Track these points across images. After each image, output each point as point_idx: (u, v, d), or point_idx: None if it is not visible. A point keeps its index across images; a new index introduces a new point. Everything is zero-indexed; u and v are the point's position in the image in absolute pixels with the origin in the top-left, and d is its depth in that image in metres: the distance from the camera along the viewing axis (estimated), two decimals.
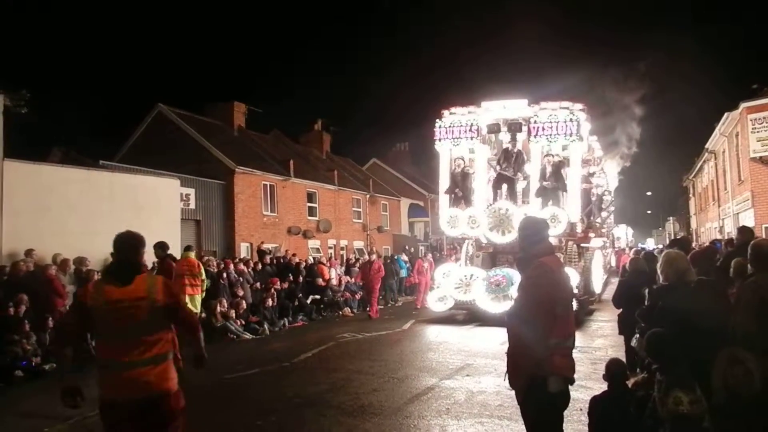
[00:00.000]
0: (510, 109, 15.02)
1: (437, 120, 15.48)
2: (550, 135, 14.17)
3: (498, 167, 15.09)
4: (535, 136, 14.34)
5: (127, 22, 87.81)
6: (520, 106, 14.95)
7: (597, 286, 17.00)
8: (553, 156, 14.30)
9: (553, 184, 14.10)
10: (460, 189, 15.14)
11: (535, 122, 14.33)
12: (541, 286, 3.54)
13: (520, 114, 14.79)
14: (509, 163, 14.82)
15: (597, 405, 4.77)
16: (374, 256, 16.54)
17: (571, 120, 14.08)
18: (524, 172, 15.02)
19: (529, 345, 3.48)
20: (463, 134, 15.15)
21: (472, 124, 15.02)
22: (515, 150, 14.90)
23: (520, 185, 15.32)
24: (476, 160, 15.62)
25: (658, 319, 4.11)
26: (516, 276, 12.13)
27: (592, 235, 16.88)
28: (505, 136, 15.38)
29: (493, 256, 15.12)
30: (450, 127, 15.28)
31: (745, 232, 7.88)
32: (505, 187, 15.00)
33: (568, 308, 3.58)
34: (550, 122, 14.16)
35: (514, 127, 14.87)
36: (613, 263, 28.93)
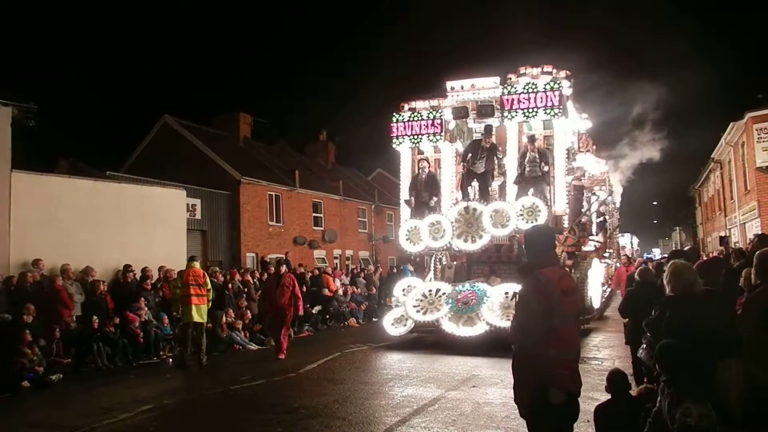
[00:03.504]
0: (479, 90, 12.91)
1: (394, 114, 13.28)
2: (528, 108, 11.86)
3: (465, 163, 12.91)
4: (509, 111, 12.07)
5: (134, 33, 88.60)
6: (492, 85, 12.81)
7: (596, 301, 14.90)
8: (536, 138, 12.21)
9: (535, 170, 11.99)
10: (425, 196, 12.97)
11: (510, 93, 12.07)
12: (535, 296, 3.54)
13: (491, 95, 12.71)
14: (479, 157, 12.70)
15: (602, 413, 4.78)
16: (284, 267, 11.66)
17: (552, 89, 11.76)
18: (502, 167, 12.94)
19: (528, 356, 3.47)
20: (424, 130, 13.00)
21: (434, 118, 12.95)
22: (488, 144, 12.68)
23: (496, 182, 13.38)
24: (442, 160, 13.45)
25: (665, 330, 4.10)
26: (489, 291, 11.33)
27: (589, 247, 15.03)
28: (476, 125, 13.27)
29: (468, 267, 13.09)
30: (409, 121, 13.12)
31: (765, 239, 7.62)
32: (475, 184, 13.02)
33: (569, 320, 3.56)
34: (527, 93, 11.88)
35: (484, 111, 12.66)
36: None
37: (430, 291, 12.15)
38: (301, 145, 34.12)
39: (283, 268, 11.54)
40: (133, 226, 13.95)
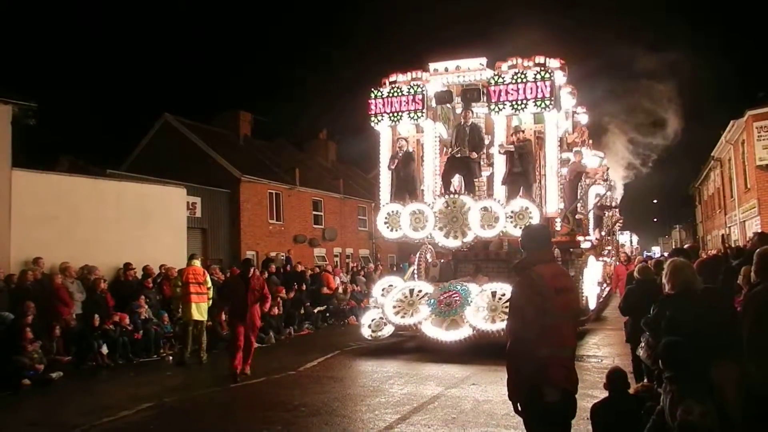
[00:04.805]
0: (465, 72, 12.00)
1: (373, 90, 12.39)
2: (516, 101, 11.06)
3: (448, 149, 12.10)
4: (496, 103, 11.25)
5: (134, 32, 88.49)
6: (478, 67, 11.90)
7: (592, 301, 14.08)
8: (522, 131, 11.39)
9: (523, 168, 11.23)
10: (404, 179, 12.11)
11: (497, 83, 11.22)
12: (526, 294, 3.53)
13: (477, 77, 11.89)
14: (461, 139, 11.75)
15: (598, 412, 4.79)
16: (253, 269, 9.69)
17: (543, 79, 10.91)
18: (490, 157, 12.11)
19: (521, 354, 3.47)
20: (404, 107, 12.03)
21: (416, 94, 11.97)
22: (468, 124, 11.77)
23: (484, 173, 12.50)
24: (425, 140, 12.49)
25: (664, 328, 4.11)
26: (474, 292, 10.61)
27: (581, 238, 13.67)
28: (459, 107, 12.29)
29: (455, 266, 12.49)
30: (388, 97, 12.20)
31: (764, 238, 7.61)
32: (459, 175, 12.08)
33: (562, 319, 3.54)
34: (516, 83, 11.05)
35: (470, 95, 11.84)
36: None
37: (411, 291, 11.34)
38: (301, 143, 34.08)
39: (252, 270, 9.64)
40: (133, 225, 13.95)
